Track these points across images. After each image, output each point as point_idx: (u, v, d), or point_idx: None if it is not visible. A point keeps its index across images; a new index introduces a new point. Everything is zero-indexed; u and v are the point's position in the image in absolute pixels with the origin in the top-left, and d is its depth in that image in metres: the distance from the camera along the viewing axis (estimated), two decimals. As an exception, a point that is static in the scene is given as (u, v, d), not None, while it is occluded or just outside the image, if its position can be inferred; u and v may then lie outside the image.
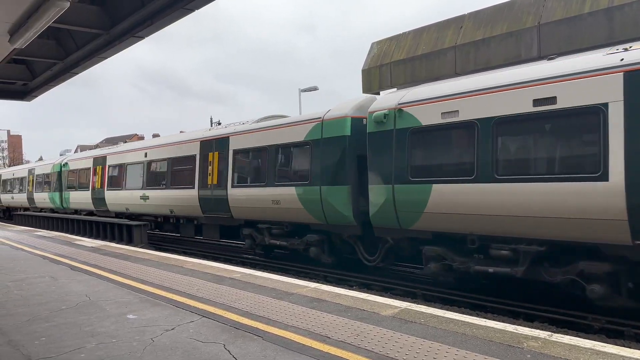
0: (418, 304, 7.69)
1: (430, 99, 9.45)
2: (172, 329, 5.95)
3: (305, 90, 29.27)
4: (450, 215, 8.95)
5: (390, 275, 11.90)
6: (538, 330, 5.46)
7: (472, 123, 8.65)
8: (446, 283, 10.33)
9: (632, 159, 6.75)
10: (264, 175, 13.20)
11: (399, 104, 9.96)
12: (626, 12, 10.35)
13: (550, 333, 5.32)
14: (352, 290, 9.38)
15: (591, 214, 7.09)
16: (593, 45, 10.46)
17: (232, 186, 14.35)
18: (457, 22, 14.18)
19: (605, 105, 7.01)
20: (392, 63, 15.51)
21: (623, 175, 6.80)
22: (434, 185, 9.14)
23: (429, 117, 9.36)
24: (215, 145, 15.19)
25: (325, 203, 11.49)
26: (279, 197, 12.64)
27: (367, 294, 7.65)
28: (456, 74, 13.33)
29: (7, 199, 36.66)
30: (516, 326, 5.67)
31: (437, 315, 6.14)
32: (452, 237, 9.26)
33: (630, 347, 5.57)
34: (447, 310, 7.55)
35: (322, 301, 7.03)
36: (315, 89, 29.06)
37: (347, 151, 11.17)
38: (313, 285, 8.24)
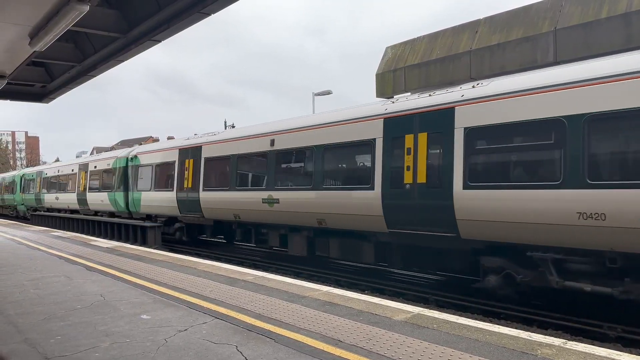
0: (430, 309, 7.65)
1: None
2: (185, 329, 5.99)
3: (319, 94, 29.32)
4: None
5: (402, 280, 11.86)
6: (552, 338, 5.40)
7: None
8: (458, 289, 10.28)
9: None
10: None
11: None
12: (644, 17, 10.23)
13: (564, 341, 5.26)
14: (364, 294, 9.37)
15: None
16: (610, 50, 10.35)
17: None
18: (472, 27, 14.13)
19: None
20: (406, 67, 15.49)
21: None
22: None
23: None
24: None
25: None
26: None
27: (379, 299, 7.64)
28: (471, 78, 13.28)
29: (50, 200, 31.36)
30: (530, 333, 5.62)
31: (450, 321, 6.11)
32: None
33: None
34: (459, 316, 7.51)
35: (334, 305, 7.03)
36: (329, 92, 29.11)
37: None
38: (325, 288, 8.25)
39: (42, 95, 16.06)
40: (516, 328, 6.99)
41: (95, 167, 25.03)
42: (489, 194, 8.52)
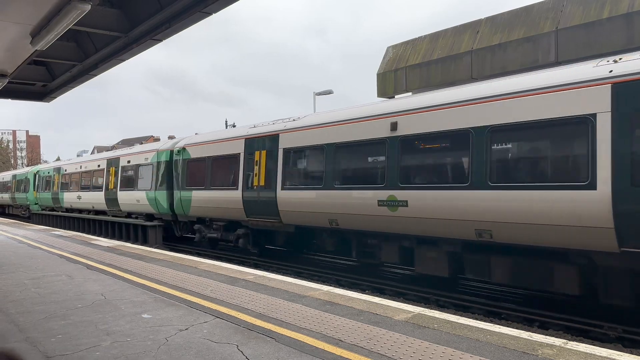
0: (431, 309, 7.65)
1: None
2: (186, 329, 6.00)
3: (320, 94, 29.32)
4: None
5: (403, 280, 11.85)
6: (553, 338, 5.40)
7: None
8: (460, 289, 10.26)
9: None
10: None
11: None
12: (646, 18, 10.23)
13: (565, 341, 5.26)
14: (365, 294, 9.37)
15: None
16: (612, 50, 10.34)
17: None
18: (473, 27, 14.13)
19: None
20: (407, 67, 15.50)
21: None
22: None
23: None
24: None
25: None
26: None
27: (380, 298, 7.64)
28: (472, 78, 13.28)
29: (71, 199, 27.51)
30: (531, 333, 5.62)
31: (451, 321, 6.11)
32: None
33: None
34: (460, 316, 7.50)
35: (334, 304, 7.04)
36: (330, 92, 29.11)
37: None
38: (326, 288, 8.25)
39: (43, 94, 16.06)
40: (517, 328, 6.99)
41: (128, 161, 21.43)
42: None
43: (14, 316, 6.68)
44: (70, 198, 27.56)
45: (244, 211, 14.58)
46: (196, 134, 19.17)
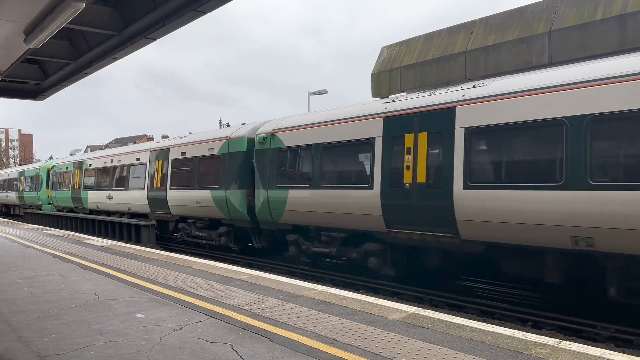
0: (425, 308, 7.67)
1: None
2: (180, 328, 5.98)
3: (314, 94, 29.33)
4: None
5: (397, 280, 11.87)
6: (546, 337, 5.43)
7: None
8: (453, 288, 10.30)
9: None
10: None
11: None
12: (639, 20, 10.30)
13: (558, 340, 5.29)
14: (359, 293, 9.38)
15: None
16: (604, 52, 10.42)
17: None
18: (468, 28, 14.19)
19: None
20: (402, 67, 15.54)
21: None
22: None
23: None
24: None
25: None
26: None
27: (375, 298, 7.65)
28: (466, 79, 13.33)
29: (98, 199, 23.56)
30: (524, 332, 5.65)
31: (445, 320, 6.13)
32: None
33: (638, 356, 5.52)
34: (454, 315, 7.53)
35: (329, 304, 7.04)
36: (324, 92, 29.12)
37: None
38: (320, 288, 8.26)
39: (36, 92, 15.97)
40: (510, 327, 7.03)
41: (182, 153, 17.41)
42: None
43: (6, 315, 6.64)
44: (96, 198, 23.44)
45: (383, 219, 10.39)
46: (284, 117, 14.17)
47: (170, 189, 17.83)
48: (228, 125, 27.88)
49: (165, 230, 20.00)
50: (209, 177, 15.93)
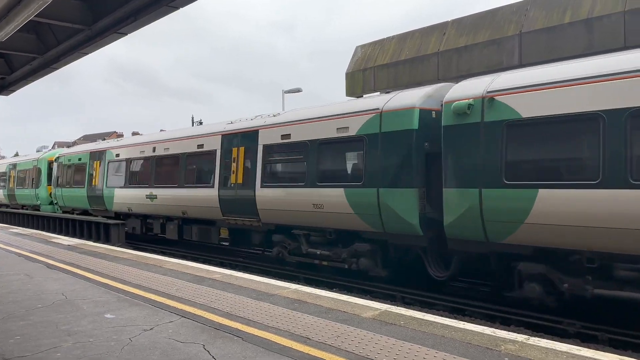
0: (398, 306, 7.74)
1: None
2: (151, 329, 5.88)
3: (288, 92, 29.26)
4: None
5: (370, 278, 11.94)
6: (515, 334, 5.55)
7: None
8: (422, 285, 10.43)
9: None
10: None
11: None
12: (605, 24, 10.61)
13: (527, 336, 5.41)
14: (333, 292, 9.40)
15: None
16: (572, 55, 10.69)
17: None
18: (440, 29, 14.36)
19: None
20: (375, 67, 15.63)
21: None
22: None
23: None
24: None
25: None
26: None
27: (348, 296, 7.69)
28: (438, 79, 13.50)
29: (129, 199, 18.25)
30: (494, 329, 5.76)
31: (417, 318, 6.20)
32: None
33: (604, 351, 5.69)
34: (426, 312, 7.62)
35: (303, 303, 7.04)
36: (298, 90, 29.09)
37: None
38: (294, 286, 8.24)
39: (1, 87, 15.46)
40: (480, 324, 7.15)
41: (285, 136, 12.29)
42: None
43: (-32, 317, 6.42)
44: (127, 198, 18.29)
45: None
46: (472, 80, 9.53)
47: (263, 186, 12.62)
48: (201, 123, 26.80)
49: (242, 242, 14.74)
50: (339, 169, 11.20)
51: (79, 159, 22.10)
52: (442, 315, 8.22)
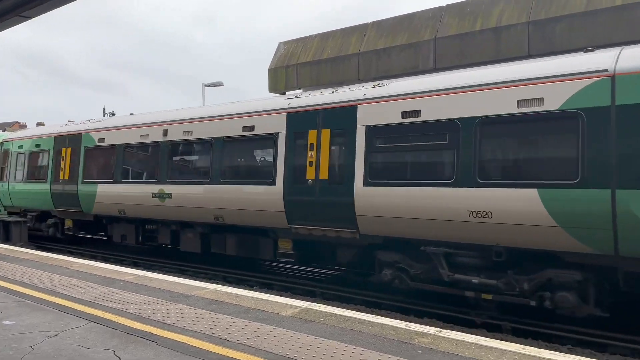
0: (318, 303, 7.81)
1: None
2: (55, 335, 5.49)
3: (209, 85, 28.53)
4: None
5: (291, 274, 11.98)
6: (428, 327, 5.79)
7: None
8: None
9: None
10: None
11: None
12: (511, 33, 11.36)
13: (439, 329, 5.66)
14: (253, 290, 9.32)
15: None
16: (481, 60, 11.34)
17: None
18: (361, 30, 14.66)
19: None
20: (298, 64, 15.66)
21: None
22: None
23: None
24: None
25: None
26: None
27: (268, 295, 7.64)
28: (359, 80, 13.78)
29: (123, 198, 13.65)
30: (408, 323, 5.97)
31: (336, 314, 6.28)
32: None
33: (507, 341, 6.10)
34: (344, 308, 7.76)
35: (221, 303, 6.89)
36: (220, 84, 28.45)
37: None
38: (212, 286, 8.06)
39: None
40: (395, 318, 7.39)
41: (411, 113, 8.69)
42: None
43: None
44: (120, 196, 13.68)
45: None
46: None
47: (367, 184, 9.04)
48: (113, 114, 23.64)
49: (315, 258, 11.20)
50: (526, 159, 7.70)
51: (37, 145, 17.04)
52: (359, 310, 8.43)
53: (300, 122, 10.08)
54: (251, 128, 10.85)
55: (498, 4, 11.90)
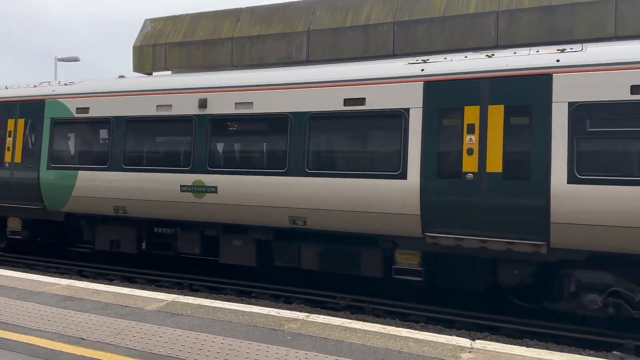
0: (185, 295, 7.57)
1: None
2: None
3: (63, 60, 25.90)
4: None
5: (154, 266, 11.40)
6: (297, 313, 5.92)
7: None
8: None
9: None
10: None
11: None
12: (379, 31, 11.97)
13: (307, 314, 5.82)
14: (113, 285, 8.73)
15: None
16: (353, 56, 11.80)
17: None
18: (234, 14, 14.38)
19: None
20: (167, 44, 14.90)
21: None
22: None
23: None
24: None
25: None
26: None
27: (130, 289, 7.20)
28: (233, 65, 13.52)
29: (116, 187, 9.98)
30: (279, 310, 6.05)
31: (205, 305, 6.13)
32: None
33: (370, 322, 6.47)
34: (214, 299, 7.62)
35: (77, 299, 6.33)
36: (75, 59, 25.95)
37: None
38: (65, 282, 7.37)
39: None
40: (266, 306, 7.45)
41: None
42: None
43: None
44: (120, 187, 10.04)
45: None
46: None
47: (579, 180, 6.78)
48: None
49: (452, 279, 8.44)
50: None
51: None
52: (230, 300, 8.34)
53: (449, 94, 7.63)
54: (359, 101, 8.19)
55: (367, 2, 12.45)
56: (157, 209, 9.71)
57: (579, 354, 5.73)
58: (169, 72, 13.44)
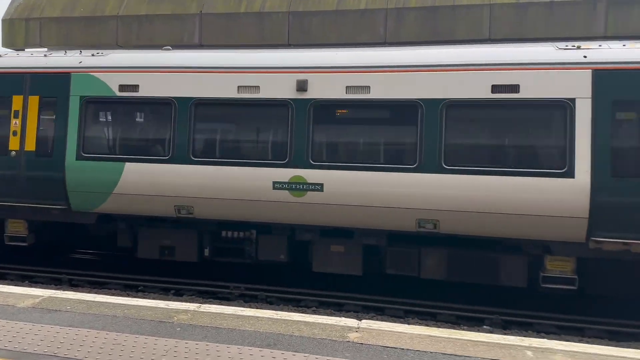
0: (64, 290, 7.07)
1: None
2: None
3: None
4: None
5: (26, 261, 10.43)
6: (188, 304, 5.80)
7: None
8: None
9: None
10: None
11: None
12: (273, 19, 11.95)
13: (199, 305, 5.72)
14: (-22, 281, 7.87)
15: None
16: (247, 43, 11.66)
17: None
18: (120, -9, 13.50)
19: None
20: (42, 19, 13.60)
21: None
22: None
23: None
24: None
25: None
26: None
27: (1, 285, 6.56)
28: (118, 45, 12.72)
29: (184, 183, 8.47)
30: (168, 302, 5.88)
31: (86, 300, 5.77)
32: None
33: (263, 309, 6.52)
34: (97, 294, 7.21)
35: None
36: None
37: None
38: None
39: None
40: (155, 299, 7.19)
41: None
42: None
43: None
44: (184, 183, 8.43)
45: None
46: None
47: None
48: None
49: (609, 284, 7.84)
50: None
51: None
52: (114, 294, 7.93)
53: (625, 85, 6.90)
54: (512, 88, 7.26)
55: (262, -12, 12.34)
56: (236, 210, 8.24)
57: (454, 329, 6.27)
58: (46, 49, 12.29)
